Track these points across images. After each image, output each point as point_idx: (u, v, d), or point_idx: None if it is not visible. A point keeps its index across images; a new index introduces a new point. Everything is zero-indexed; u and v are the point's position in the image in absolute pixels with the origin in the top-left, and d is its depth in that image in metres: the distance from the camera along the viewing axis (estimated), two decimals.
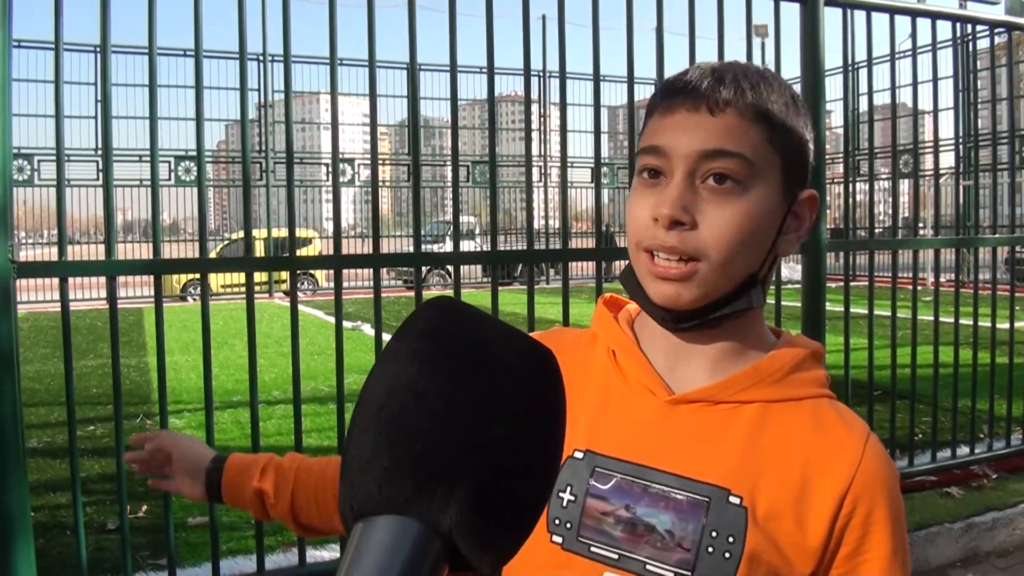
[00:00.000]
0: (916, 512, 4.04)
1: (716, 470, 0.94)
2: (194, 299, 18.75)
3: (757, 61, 4.11)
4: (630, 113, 3.95)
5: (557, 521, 0.97)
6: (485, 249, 16.55)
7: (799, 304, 4.05)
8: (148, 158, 3.03)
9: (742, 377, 0.98)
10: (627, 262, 1.04)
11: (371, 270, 3.36)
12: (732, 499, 0.93)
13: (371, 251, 3.38)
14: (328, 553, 3.70)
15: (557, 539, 0.97)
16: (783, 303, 4.04)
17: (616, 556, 0.94)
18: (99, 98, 17.48)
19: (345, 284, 3.40)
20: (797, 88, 4.20)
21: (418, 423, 0.50)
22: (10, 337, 2.71)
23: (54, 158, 2.93)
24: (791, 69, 4.12)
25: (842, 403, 1.02)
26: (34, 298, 15.29)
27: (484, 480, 0.49)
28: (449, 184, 25.09)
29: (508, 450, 0.50)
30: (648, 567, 0.93)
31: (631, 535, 0.94)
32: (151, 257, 3.09)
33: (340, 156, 3.32)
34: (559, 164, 4.19)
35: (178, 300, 18.58)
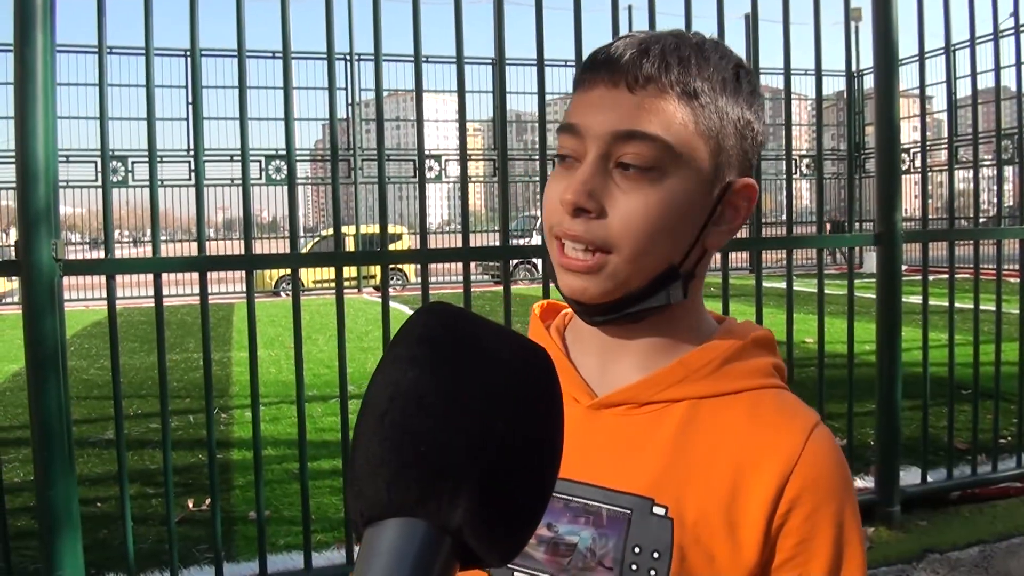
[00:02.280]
0: (999, 522, 3.80)
1: (639, 478, 0.86)
2: (286, 294, 19.17)
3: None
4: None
5: None
6: None
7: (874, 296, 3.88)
8: (239, 158, 3.10)
9: (667, 373, 0.89)
10: None
11: (461, 265, 3.38)
12: (656, 510, 0.84)
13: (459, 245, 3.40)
14: None
15: None
16: (857, 294, 3.86)
17: None
18: (190, 100, 18.14)
19: (437, 279, 3.39)
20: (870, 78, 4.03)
21: (421, 426, 0.51)
22: (55, 334, 2.75)
23: (147, 159, 3.02)
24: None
25: (792, 394, 0.92)
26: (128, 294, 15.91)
27: (489, 476, 0.50)
28: (535, 179, 25.21)
29: (511, 445, 0.51)
30: None
31: (553, 556, 0.86)
32: (243, 253, 3.15)
33: (429, 152, 3.35)
34: None
35: (271, 295, 19.02)
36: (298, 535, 4.00)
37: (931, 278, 3.98)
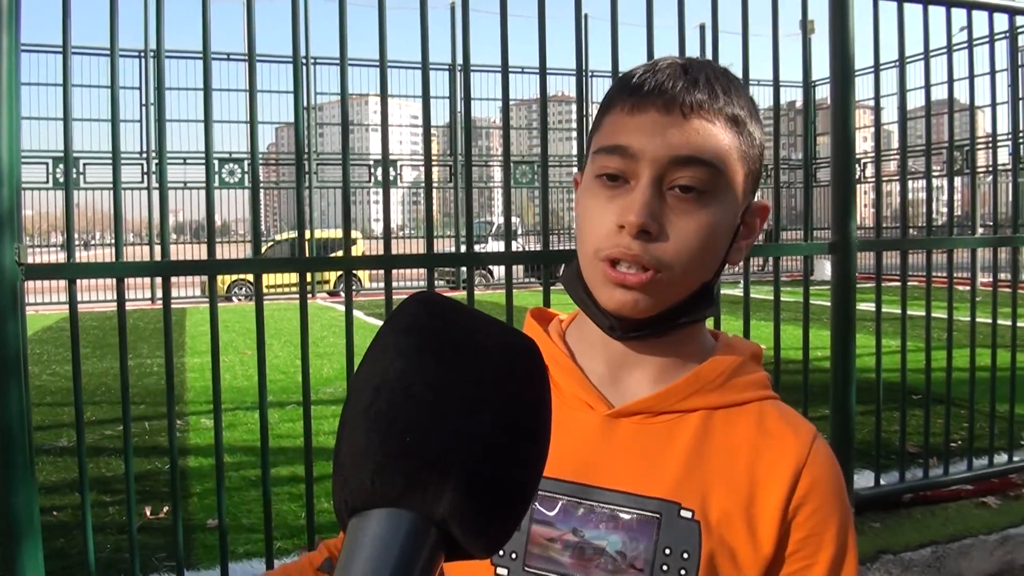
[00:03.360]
0: (950, 523, 3.90)
1: (663, 484, 0.91)
2: (239, 299, 18.98)
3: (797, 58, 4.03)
4: None
5: (501, 552, 0.91)
6: (530, 249, 16.62)
7: (828, 303, 3.94)
8: (193, 161, 3.07)
9: (683, 385, 0.95)
10: (571, 265, 0.99)
11: (414, 270, 3.37)
12: (683, 513, 0.90)
13: (420, 252, 3.40)
14: None
15: (502, 571, 0.92)
16: (813, 302, 3.93)
17: None
18: (143, 102, 17.91)
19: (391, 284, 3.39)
20: (827, 87, 4.12)
21: (407, 416, 0.51)
22: (17, 339, 2.71)
23: (97, 161, 2.98)
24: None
25: (787, 404, 1.00)
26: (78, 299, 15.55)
27: (475, 467, 0.50)
28: (491, 184, 25.30)
29: (497, 436, 0.51)
30: None
31: (580, 560, 0.90)
32: (205, 257, 3.12)
33: (365, 157, 3.32)
34: None
35: (222, 300, 18.81)
36: (257, 543, 3.98)
37: (883, 285, 4.07)
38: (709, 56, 3.72)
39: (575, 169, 3.15)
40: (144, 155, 16.95)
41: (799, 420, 0.97)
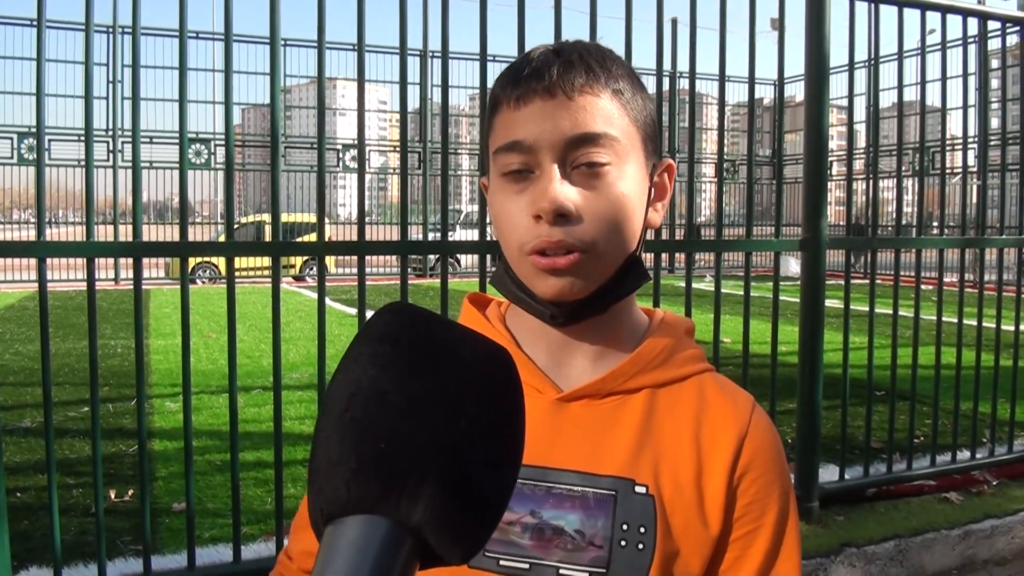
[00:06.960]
0: (913, 517, 3.96)
1: (616, 462, 0.93)
2: (203, 281, 18.78)
3: (766, 55, 4.06)
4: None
5: None
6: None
7: (798, 300, 3.98)
8: (159, 140, 3.03)
9: (627, 367, 0.97)
10: (498, 266, 1.01)
11: (382, 257, 3.35)
12: (638, 489, 0.91)
13: (388, 238, 3.37)
14: None
15: None
16: (783, 298, 3.97)
17: (527, 566, 0.90)
18: (111, 79, 17.67)
19: (348, 270, 3.35)
20: (800, 84, 4.14)
21: (382, 423, 0.51)
22: None
23: (70, 138, 2.92)
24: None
25: (721, 375, 1.02)
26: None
27: (450, 474, 0.50)
28: (459, 173, 25.26)
29: (472, 443, 0.51)
30: (561, 571, 0.90)
31: (540, 541, 0.91)
32: (169, 239, 3.08)
33: (353, 142, 3.28)
34: None
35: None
36: (223, 527, 3.93)
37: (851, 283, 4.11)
38: (685, 52, 3.74)
39: None
40: (111, 133, 16.70)
41: (737, 391, 1.00)
